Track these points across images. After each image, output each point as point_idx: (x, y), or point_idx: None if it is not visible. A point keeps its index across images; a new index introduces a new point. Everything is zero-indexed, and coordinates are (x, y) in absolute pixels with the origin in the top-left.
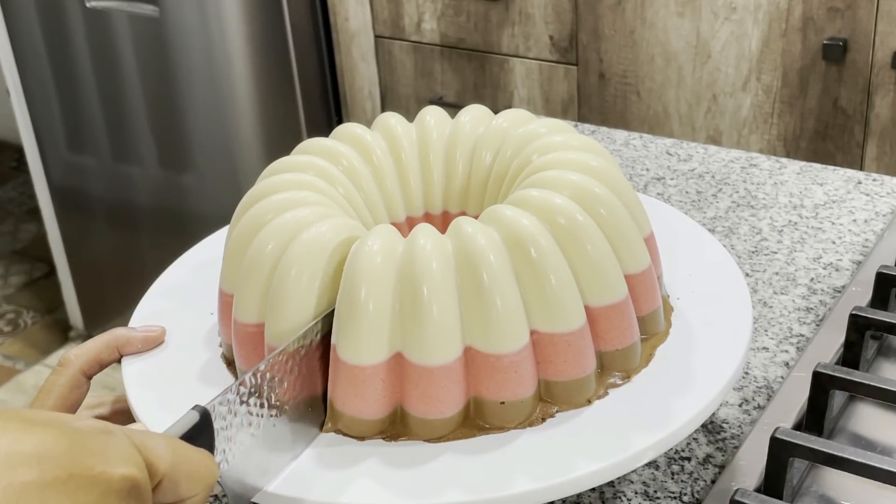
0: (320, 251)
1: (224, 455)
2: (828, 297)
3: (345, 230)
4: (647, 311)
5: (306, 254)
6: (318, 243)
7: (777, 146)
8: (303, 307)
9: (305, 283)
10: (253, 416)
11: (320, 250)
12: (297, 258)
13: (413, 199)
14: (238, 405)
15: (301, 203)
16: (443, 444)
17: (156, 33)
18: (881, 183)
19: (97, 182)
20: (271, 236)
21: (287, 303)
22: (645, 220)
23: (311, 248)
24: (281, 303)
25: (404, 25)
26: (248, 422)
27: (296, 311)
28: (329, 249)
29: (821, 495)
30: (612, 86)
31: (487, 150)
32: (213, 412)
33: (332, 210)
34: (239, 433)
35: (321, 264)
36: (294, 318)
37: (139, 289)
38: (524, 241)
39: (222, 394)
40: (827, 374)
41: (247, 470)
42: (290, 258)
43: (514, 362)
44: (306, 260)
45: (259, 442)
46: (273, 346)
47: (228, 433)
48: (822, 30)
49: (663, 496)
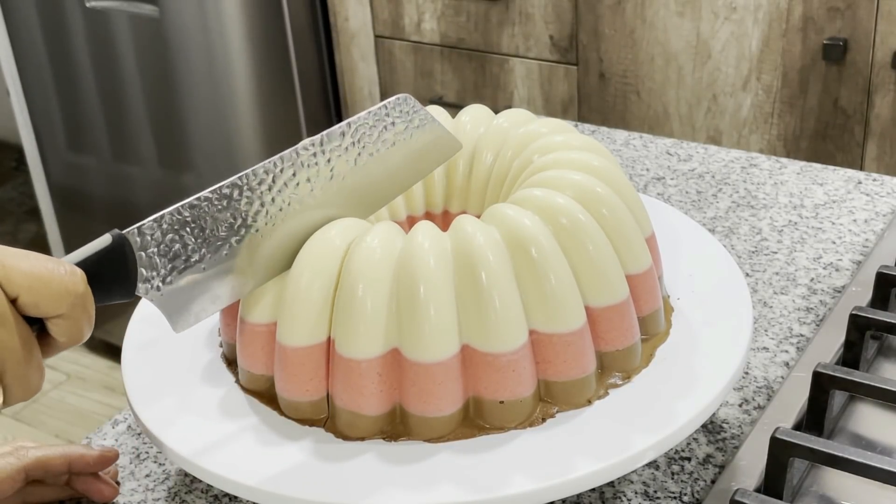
0: (333, 254)
1: (156, 279)
2: (828, 297)
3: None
4: (647, 311)
5: (319, 257)
6: (330, 246)
7: (777, 146)
8: (316, 310)
9: (317, 289)
10: (192, 242)
11: (332, 253)
12: (307, 262)
13: (414, 199)
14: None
15: None
16: (443, 444)
17: (156, 33)
18: (881, 183)
19: (97, 182)
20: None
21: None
22: (646, 220)
23: (323, 252)
24: (293, 305)
25: (404, 25)
26: (186, 248)
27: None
28: (341, 252)
29: (821, 495)
30: (612, 86)
31: (488, 150)
32: (135, 236)
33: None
34: (173, 260)
35: (334, 269)
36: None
37: None
38: (525, 240)
39: (153, 219)
40: (827, 374)
41: (189, 295)
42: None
43: (512, 361)
44: (318, 264)
45: (201, 269)
46: (284, 345)
47: (158, 260)
48: (822, 30)
49: (663, 496)
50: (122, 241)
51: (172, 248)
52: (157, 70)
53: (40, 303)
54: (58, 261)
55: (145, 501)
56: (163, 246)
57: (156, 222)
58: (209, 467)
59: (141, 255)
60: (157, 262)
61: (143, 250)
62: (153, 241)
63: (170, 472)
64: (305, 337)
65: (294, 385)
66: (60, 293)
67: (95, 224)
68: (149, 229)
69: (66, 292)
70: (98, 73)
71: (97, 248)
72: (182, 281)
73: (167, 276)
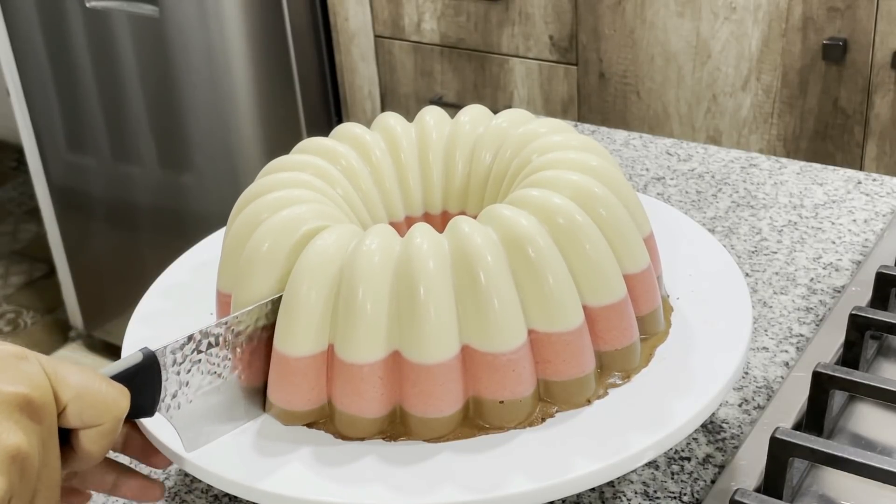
0: (330, 263)
1: (175, 398)
2: (828, 297)
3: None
4: (646, 311)
5: (317, 266)
6: (326, 255)
7: (777, 146)
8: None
9: (314, 298)
10: (213, 366)
11: (330, 262)
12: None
13: (412, 199)
14: (196, 354)
15: (296, 201)
16: (442, 444)
17: (156, 33)
18: (881, 183)
19: (97, 182)
20: (267, 234)
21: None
22: (645, 220)
23: (320, 261)
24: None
25: (404, 25)
26: (208, 370)
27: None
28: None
29: (821, 495)
30: (612, 86)
31: (487, 150)
32: (165, 356)
33: (329, 208)
34: (194, 379)
35: (333, 275)
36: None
37: (139, 289)
38: (522, 240)
39: (179, 341)
40: (827, 374)
41: (205, 415)
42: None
43: (512, 361)
44: (316, 273)
45: (220, 391)
46: (286, 355)
47: (182, 378)
48: (822, 30)
49: (663, 496)
50: (152, 358)
51: (195, 369)
52: (157, 70)
53: (85, 412)
54: (105, 378)
55: None
56: (187, 367)
57: (184, 344)
58: (209, 467)
59: (167, 375)
60: (182, 381)
61: (170, 370)
62: (181, 362)
63: (170, 471)
64: (309, 346)
65: (295, 395)
66: (108, 406)
67: (95, 224)
68: (178, 349)
69: (114, 406)
70: (98, 73)
71: (130, 363)
72: (202, 401)
73: (191, 396)
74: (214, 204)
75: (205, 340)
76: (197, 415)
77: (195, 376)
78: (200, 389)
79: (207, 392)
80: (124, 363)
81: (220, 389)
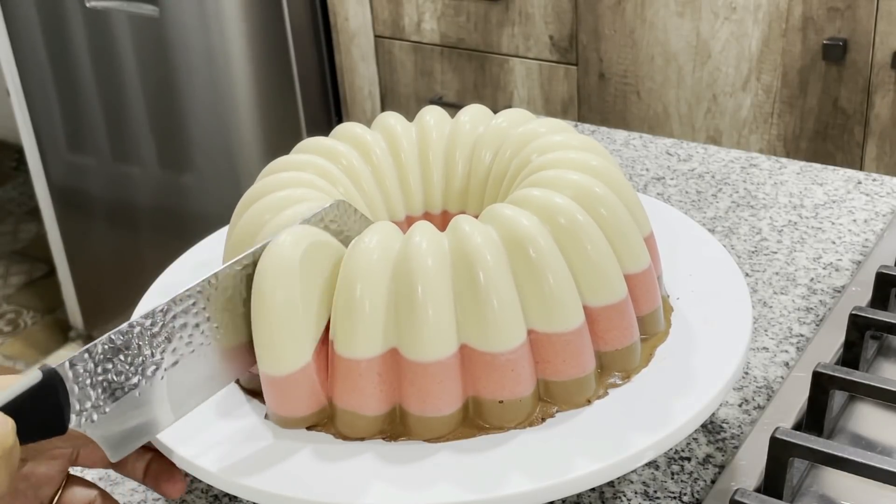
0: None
1: (89, 410)
2: (828, 297)
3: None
4: (646, 311)
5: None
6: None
7: (777, 146)
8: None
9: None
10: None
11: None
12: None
13: (412, 199)
14: (105, 361)
15: (299, 200)
16: (442, 444)
17: (156, 33)
18: (881, 183)
19: (97, 182)
20: (271, 234)
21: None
22: (645, 219)
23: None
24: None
25: (404, 25)
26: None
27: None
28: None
29: (821, 495)
30: (612, 86)
31: (487, 150)
32: (71, 369)
33: None
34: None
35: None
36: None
37: (139, 289)
38: (523, 240)
39: (82, 350)
40: (827, 374)
41: (127, 423)
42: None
43: (511, 361)
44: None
45: (140, 396)
46: (290, 372)
47: (90, 391)
48: (822, 30)
49: (663, 496)
50: (52, 375)
51: (105, 378)
52: (157, 70)
53: None
54: None
55: (145, 501)
56: (95, 376)
57: (87, 353)
58: (208, 467)
59: (73, 388)
60: (91, 393)
61: (76, 382)
62: (86, 373)
63: None
64: (304, 357)
65: (295, 405)
66: None
67: (95, 224)
68: (80, 360)
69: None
70: (98, 73)
71: (26, 385)
72: (117, 409)
73: (101, 407)
74: (214, 204)
75: (110, 346)
76: (114, 423)
77: (106, 386)
78: (111, 398)
79: (120, 399)
80: (20, 386)
81: (135, 394)
